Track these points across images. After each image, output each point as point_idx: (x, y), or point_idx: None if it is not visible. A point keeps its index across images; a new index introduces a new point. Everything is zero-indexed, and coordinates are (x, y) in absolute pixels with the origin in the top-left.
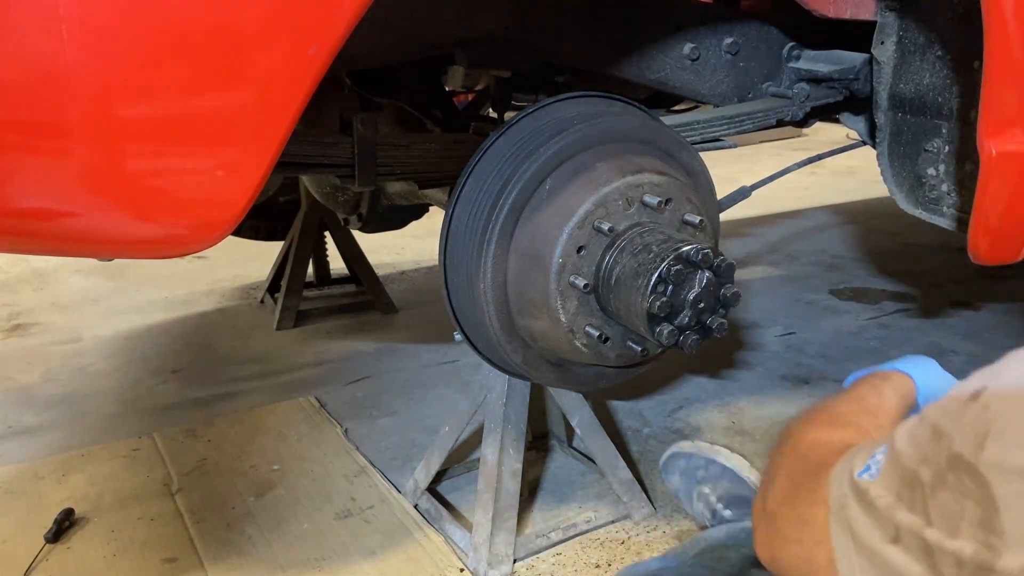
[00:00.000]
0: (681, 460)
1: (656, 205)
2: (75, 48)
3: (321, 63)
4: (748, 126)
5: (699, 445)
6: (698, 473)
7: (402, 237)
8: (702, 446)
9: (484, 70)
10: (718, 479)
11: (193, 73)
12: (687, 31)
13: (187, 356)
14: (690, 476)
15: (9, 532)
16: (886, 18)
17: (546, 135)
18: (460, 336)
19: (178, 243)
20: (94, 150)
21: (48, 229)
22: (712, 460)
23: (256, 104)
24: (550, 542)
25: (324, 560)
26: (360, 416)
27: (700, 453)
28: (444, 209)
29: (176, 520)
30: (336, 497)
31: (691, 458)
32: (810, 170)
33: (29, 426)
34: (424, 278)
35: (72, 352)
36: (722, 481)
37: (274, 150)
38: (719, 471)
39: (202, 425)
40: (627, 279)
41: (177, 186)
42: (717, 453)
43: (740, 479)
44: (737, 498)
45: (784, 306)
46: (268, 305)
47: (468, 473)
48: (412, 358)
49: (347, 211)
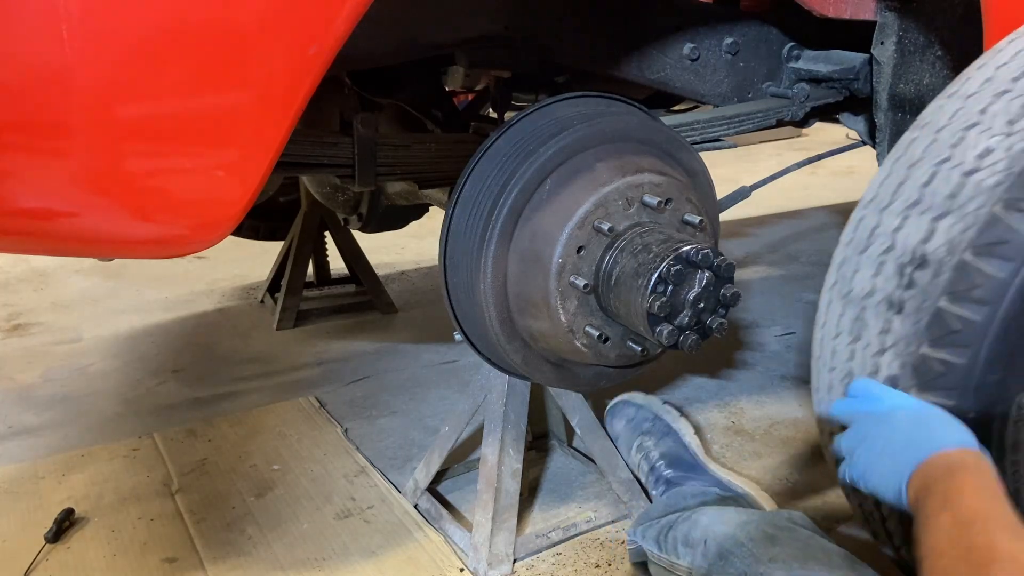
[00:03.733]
0: (630, 408)
1: (656, 205)
2: (75, 48)
3: (321, 63)
4: (748, 126)
5: (651, 399)
6: (644, 425)
7: (402, 237)
8: (653, 401)
9: (484, 70)
10: (662, 436)
11: (193, 73)
12: (687, 31)
13: (187, 356)
14: (636, 426)
15: (9, 532)
16: (886, 18)
17: (546, 135)
18: (460, 336)
19: (178, 243)
20: (94, 150)
21: (48, 229)
22: (659, 417)
23: (256, 104)
24: (550, 542)
25: (324, 560)
26: (360, 416)
27: (650, 407)
28: (444, 209)
29: (176, 520)
30: (336, 497)
31: (640, 409)
32: (810, 170)
33: (29, 426)
34: (424, 278)
35: (72, 352)
36: (666, 439)
37: (274, 150)
38: (664, 429)
39: (202, 425)
40: (627, 279)
41: (177, 186)
42: (667, 412)
43: (683, 443)
44: (678, 459)
45: (784, 306)
46: (268, 305)
47: (468, 473)
48: (412, 358)
49: (347, 211)
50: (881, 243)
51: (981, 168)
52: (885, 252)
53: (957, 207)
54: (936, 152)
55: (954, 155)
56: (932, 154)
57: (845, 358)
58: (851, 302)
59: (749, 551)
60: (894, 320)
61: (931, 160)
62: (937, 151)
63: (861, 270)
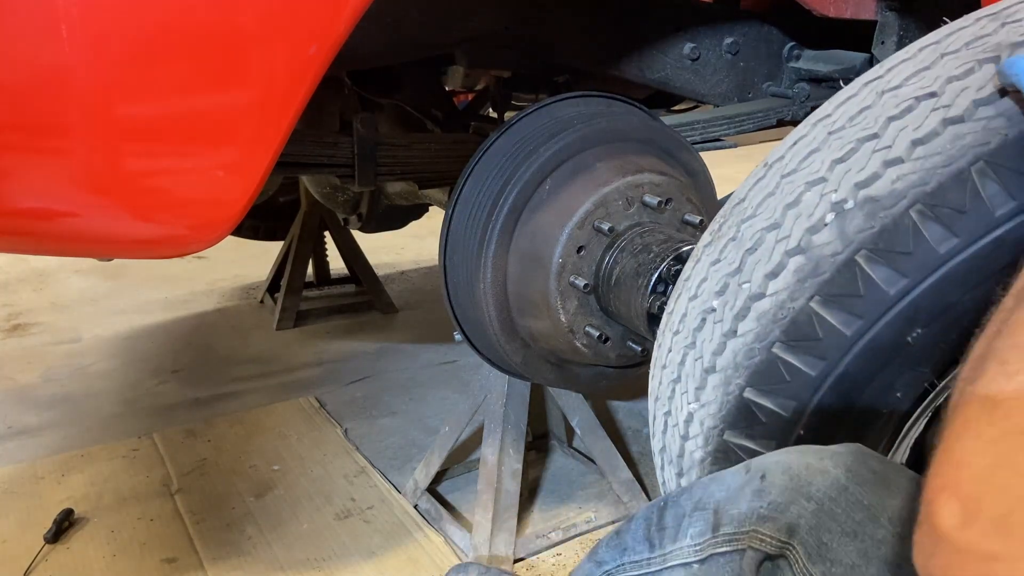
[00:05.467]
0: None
1: (656, 205)
2: (75, 48)
3: (321, 63)
4: (748, 126)
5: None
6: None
7: (402, 237)
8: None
9: (484, 70)
10: None
11: (193, 73)
12: (687, 31)
13: (187, 356)
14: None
15: (9, 532)
16: (887, 18)
17: (546, 135)
18: (460, 336)
19: (178, 243)
20: (94, 150)
21: (48, 229)
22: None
23: (256, 104)
24: (550, 542)
25: (324, 560)
26: (360, 416)
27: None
28: (444, 209)
29: (176, 520)
30: (336, 497)
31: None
32: None
33: (29, 426)
34: (424, 278)
35: (72, 352)
36: None
37: (274, 150)
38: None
39: (202, 425)
40: (627, 279)
41: (177, 186)
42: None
43: None
44: None
45: None
46: (268, 305)
47: (468, 473)
48: (412, 358)
49: (347, 211)
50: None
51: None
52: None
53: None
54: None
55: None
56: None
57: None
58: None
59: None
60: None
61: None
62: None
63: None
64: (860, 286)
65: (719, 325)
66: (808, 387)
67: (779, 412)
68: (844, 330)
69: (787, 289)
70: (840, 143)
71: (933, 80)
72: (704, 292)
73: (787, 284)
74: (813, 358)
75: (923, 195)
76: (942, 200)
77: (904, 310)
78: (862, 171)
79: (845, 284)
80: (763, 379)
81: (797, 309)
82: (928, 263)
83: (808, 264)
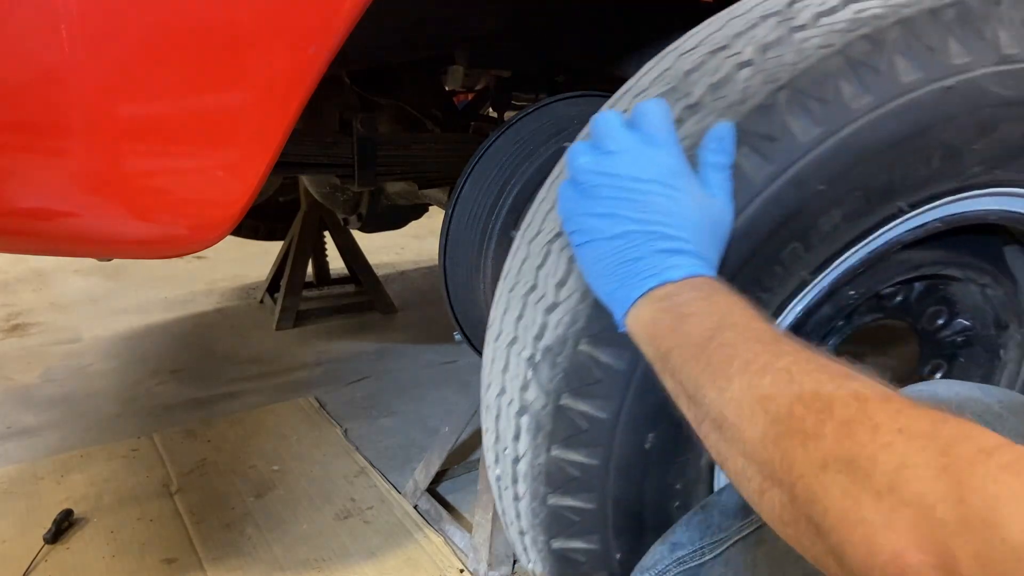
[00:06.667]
0: None
1: None
2: (75, 47)
3: (321, 63)
4: None
5: None
6: None
7: (402, 237)
8: None
9: (484, 70)
10: None
11: (193, 73)
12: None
13: (186, 356)
14: None
15: (8, 532)
16: None
17: (546, 135)
18: (460, 336)
19: (177, 243)
20: (93, 149)
21: (48, 229)
22: None
23: (256, 104)
24: None
25: (324, 561)
26: (360, 416)
27: None
28: (444, 209)
29: (176, 520)
30: (336, 498)
31: None
32: None
33: (28, 426)
34: (424, 278)
35: (72, 352)
36: None
37: (274, 150)
38: None
39: (202, 425)
40: None
41: (176, 186)
42: None
43: None
44: None
45: None
46: (268, 305)
47: (468, 473)
48: (412, 358)
49: (347, 211)
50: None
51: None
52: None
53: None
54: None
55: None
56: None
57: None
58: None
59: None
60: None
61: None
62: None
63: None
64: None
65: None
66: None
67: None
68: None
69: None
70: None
71: None
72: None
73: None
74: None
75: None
76: None
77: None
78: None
79: None
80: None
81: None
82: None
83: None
